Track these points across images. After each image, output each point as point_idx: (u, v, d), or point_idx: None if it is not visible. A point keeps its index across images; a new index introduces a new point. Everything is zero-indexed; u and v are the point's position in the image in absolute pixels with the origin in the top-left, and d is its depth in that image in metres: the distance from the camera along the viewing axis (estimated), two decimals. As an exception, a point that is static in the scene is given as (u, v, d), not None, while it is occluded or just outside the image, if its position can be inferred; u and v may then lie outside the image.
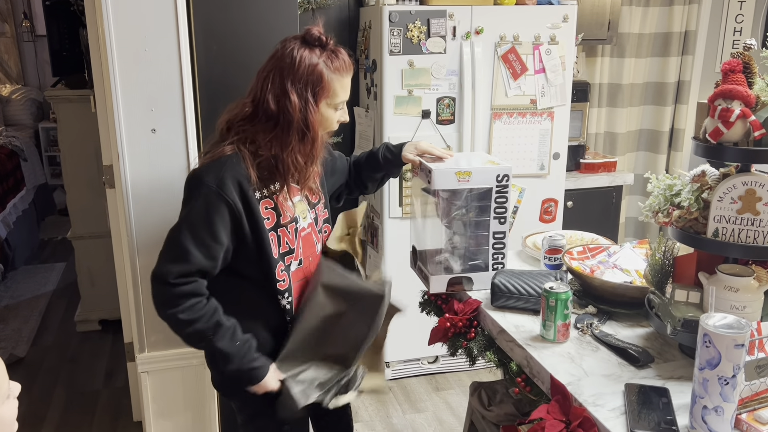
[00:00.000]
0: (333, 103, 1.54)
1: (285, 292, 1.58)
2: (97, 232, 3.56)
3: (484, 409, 1.74)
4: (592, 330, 1.52)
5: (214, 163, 1.49)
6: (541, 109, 2.97)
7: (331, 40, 1.53)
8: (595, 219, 3.35)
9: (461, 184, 1.65)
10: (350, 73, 1.55)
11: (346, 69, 1.53)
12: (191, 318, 1.47)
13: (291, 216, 1.58)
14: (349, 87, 1.56)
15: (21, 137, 5.63)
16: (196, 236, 1.47)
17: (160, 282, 1.48)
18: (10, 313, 4.07)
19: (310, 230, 1.64)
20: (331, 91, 1.51)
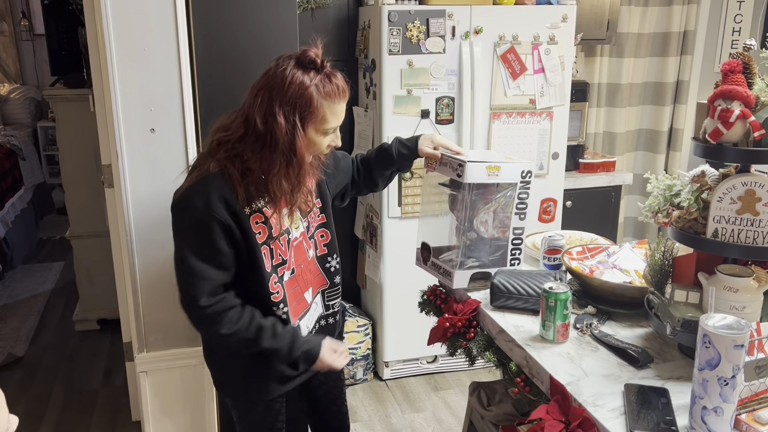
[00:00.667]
0: (322, 129, 1.48)
1: (280, 303, 1.58)
2: (96, 231, 3.56)
3: (483, 409, 1.74)
4: (591, 330, 1.52)
5: (198, 184, 1.47)
6: (540, 109, 2.97)
7: (328, 63, 1.47)
8: (594, 219, 3.35)
9: (491, 178, 1.66)
10: (344, 100, 1.49)
11: (339, 95, 1.47)
12: (232, 330, 1.51)
13: (281, 228, 1.56)
14: (342, 113, 1.51)
15: (19, 136, 5.63)
16: (202, 256, 1.48)
17: (193, 308, 1.50)
18: (8, 313, 4.07)
19: (301, 239, 1.63)
20: (320, 117, 1.46)
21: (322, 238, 1.70)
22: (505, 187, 1.69)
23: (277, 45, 1.97)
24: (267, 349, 1.54)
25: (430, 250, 1.75)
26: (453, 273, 1.68)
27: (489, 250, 1.73)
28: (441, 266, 1.72)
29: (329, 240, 1.71)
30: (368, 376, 3.21)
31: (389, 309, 3.09)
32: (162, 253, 2.00)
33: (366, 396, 3.09)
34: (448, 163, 1.68)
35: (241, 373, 1.66)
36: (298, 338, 1.59)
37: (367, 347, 3.17)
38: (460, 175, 1.62)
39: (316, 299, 1.71)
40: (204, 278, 1.48)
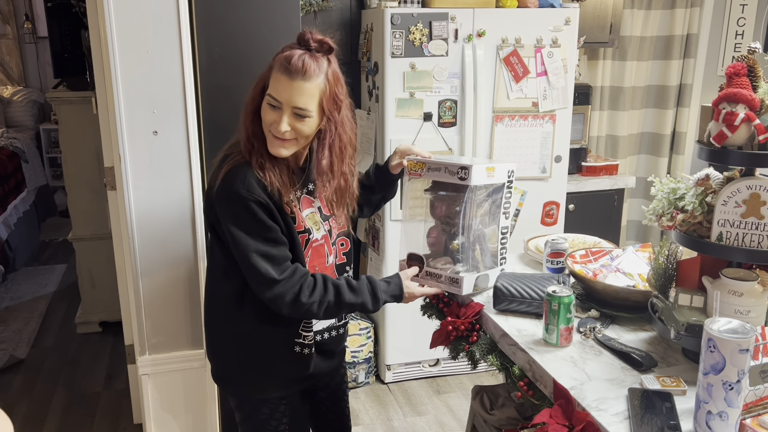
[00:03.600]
0: (266, 96, 1.48)
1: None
2: (98, 233, 3.56)
3: (486, 412, 1.73)
4: (595, 334, 1.52)
5: (234, 171, 1.50)
6: (542, 112, 2.97)
7: (314, 45, 1.46)
8: (597, 222, 3.34)
9: (489, 179, 1.65)
10: (289, 77, 1.43)
11: (287, 69, 1.43)
12: (314, 297, 1.53)
13: (304, 227, 1.58)
14: (283, 90, 1.44)
15: (22, 139, 5.63)
16: (258, 237, 1.50)
17: (269, 286, 1.51)
18: (10, 315, 4.07)
19: (323, 242, 1.64)
20: (267, 81, 1.48)
21: (342, 246, 1.70)
22: (492, 189, 1.68)
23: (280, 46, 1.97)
24: (352, 304, 1.56)
25: (422, 260, 1.72)
26: (462, 279, 1.66)
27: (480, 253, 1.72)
28: (442, 274, 1.69)
29: (348, 249, 1.72)
30: (370, 379, 3.21)
31: (391, 312, 3.09)
32: (164, 256, 2.00)
33: (368, 399, 3.09)
34: (443, 168, 1.65)
35: (244, 370, 1.66)
36: (377, 286, 1.61)
37: (369, 350, 3.16)
38: (464, 178, 1.60)
39: None
40: (268, 255, 1.50)
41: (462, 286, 1.66)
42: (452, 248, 1.69)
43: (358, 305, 1.57)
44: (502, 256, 1.74)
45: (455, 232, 1.68)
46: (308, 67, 1.43)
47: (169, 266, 2.02)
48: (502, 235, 1.72)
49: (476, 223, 1.67)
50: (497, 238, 1.72)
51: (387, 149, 2.87)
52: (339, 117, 1.52)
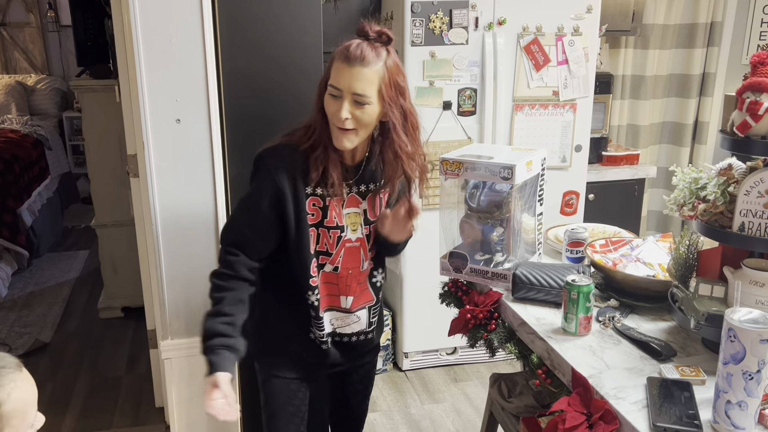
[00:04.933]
0: (328, 86, 1.49)
1: (315, 288, 1.61)
2: (120, 220, 3.61)
3: (503, 400, 1.74)
4: (614, 323, 1.52)
5: (280, 147, 1.55)
6: (563, 101, 2.95)
7: (373, 35, 1.47)
8: (617, 212, 3.32)
9: (529, 173, 1.66)
10: (348, 64, 1.45)
11: (347, 57, 1.45)
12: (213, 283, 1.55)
13: (337, 223, 1.58)
14: (344, 78, 1.45)
15: (45, 126, 5.71)
16: (245, 207, 1.56)
17: (221, 244, 1.59)
18: (35, 300, 4.15)
19: (358, 244, 1.62)
20: (328, 71, 1.50)
21: (370, 252, 1.67)
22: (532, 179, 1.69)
23: (301, 36, 1.98)
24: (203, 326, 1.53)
25: (465, 257, 1.71)
26: (509, 275, 1.65)
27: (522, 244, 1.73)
28: (488, 270, 1.68)
29: (377, 253, 1.70)
30: (388, 366, 3.23)
31: (409, 300, 3.10)
32: (186, 242, 2.03)
33: (385, 386, 3.11)
34: (483, 167, 1.63)
35: (263, 348, 1.70)
36: (213, 343, 1.48)
37: (387, 338, 3.18)
38: (508, 177, 1.59)
39: (360, 313, 1.69)
40: (235, 225, 1.56)
41: (511, 281, 1.66)
42: (491, 240, 1.70)
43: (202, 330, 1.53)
44: (539, 242, 1.74)
45: (493, 225, 1.68)
46: (366, 54, 1.45)
47: (191, 252, 2.04)
48: (538, 222, 1.73)
49: (517, 214, 1.68)
50: (533, 227, 1.72)
51: (406, 138, 2.88)
52: (406, 103, 1.52)
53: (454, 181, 1.72)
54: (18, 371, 1.09)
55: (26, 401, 1.08)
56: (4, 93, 5.80)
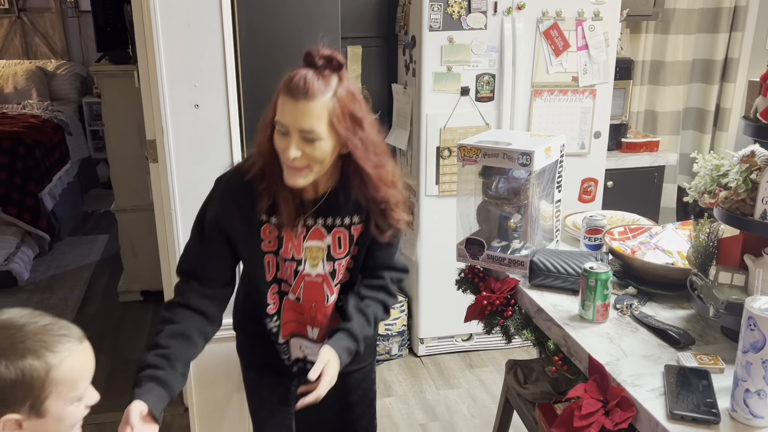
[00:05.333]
0: (275, 121, 1.36)
1: (274, 316, 1.55)
2: (140, 205, 3.64)
3: (519, 386, 1.75)
4: (631, 311, 1.51)
5: (233, 174, 1.48)
6: (582, 87, 2.92)
7: (320, 62, 1.33)
8: (636, 200, 3.29)
9: (548, 160, 1.65)
10: (293, 98, 1.31)
11: (290, 90, 1.31)
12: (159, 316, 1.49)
13: (294, 256, 1.49)
14: (290, 114, 1.32)
15: (66, 111, 5.76)
16: (195, 233, 1.51)
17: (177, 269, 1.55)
18: (56, 283, 4.21)
19: (320, 280, 1.52)
20: (274, 105, 1.37)
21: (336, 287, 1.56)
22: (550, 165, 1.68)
23: (319, 20, 1.98)
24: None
25: (483, 244, 1.70)
26: (526, 262, 1.64)
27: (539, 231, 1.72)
28: (505, 257, 1.67)
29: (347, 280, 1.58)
30: (403, 351, 3.25)
31: (425, 286, 3.11)
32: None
33: (401, 371, 3.13)
34: (501, 154, 1.61)
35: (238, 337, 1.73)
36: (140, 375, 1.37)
37: (402, 323, 3.19)
38: (526, 164, 1.57)
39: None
40: (186, 253, 1.51)
41: (527, 268, 1.65)
42: (508, 227, 1.69)
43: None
44: (557, 229, 1.74)
45: (511, 211, 1.68)
46: (311, 86, 1.30)
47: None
48: (556, 208, 1.72)
49: (535, 201, 1.67)
50: (551, 214, 1.71)
51: (423, 124, 2.87)
52: (365, 134, 1.37)
53: (471, 167, 1.71)
54: (78, 342, 1.08)
55: (77, 372, 1.08)
56: (25, 78, 5.86)
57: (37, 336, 1.03)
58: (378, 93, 3.27)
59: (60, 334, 1.06)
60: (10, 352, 1.01)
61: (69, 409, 1.08)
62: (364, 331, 1.51)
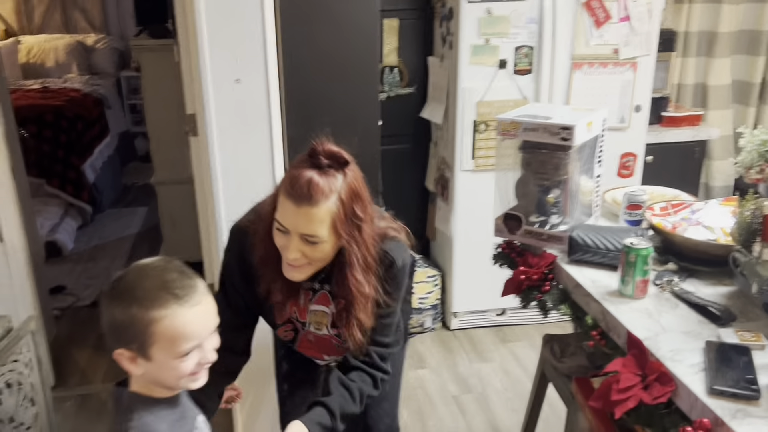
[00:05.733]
0: (275, 219, 1.33)
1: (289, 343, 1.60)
2: (178, 178, 3.71)
3: (556, 360, 1.76)
4: (671, 287, 1.50)
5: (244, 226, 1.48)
6: (623, 59, 2.86)
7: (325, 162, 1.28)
8: (676, 175, 3.23)
9: (589, 134, 1.63)
10: (300, 204, 1.27)
11: (295, 195, 1.27)
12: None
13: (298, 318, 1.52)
14: (290, 217, 1.29)
15: (105, 85, 5.86)
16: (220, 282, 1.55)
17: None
18: (98, 253, 4.34)
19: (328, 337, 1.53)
20: (276, 203, 1.33)
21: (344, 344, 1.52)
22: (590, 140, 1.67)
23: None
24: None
25: (520, 219, 1.70)
26: (565, 237, 1.64)
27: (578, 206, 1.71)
28: (544, 232, 1.67)
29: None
30: (436, 325, 3.27)
31: (459, 261, 3.12)
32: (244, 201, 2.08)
33: (434, 344, 3.16)
34: (541, 128, 1.60)
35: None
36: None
37: (436, 297, 3.22)
38: (567, 138, 1.56)
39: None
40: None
41: (566, 244, 1.64)
42: (546, 202, 1.69)
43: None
44: (596, 204, 1.73)
45: (550, 186, 1.67)
46: (314, 191, 1.25)
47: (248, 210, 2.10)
48: (596, 185, 1.71)
49: (575, 176, 1.66)
50: (590, 189, 1.70)
51: (459, 98, 2.85)
52: (361, 236, 1.33)
53: (510, 141, 1.71)
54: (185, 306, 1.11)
55: (177, 332, 1.13)
56: (66, 52, 5.97)
57: (152, 291, 1.11)
58: (414, 66, 3.26)
59: (173, 293, 1.11)
60: (128, 297, 1.11)
61: (174, 362, 1.14)
62: (346, 407, 1.43)
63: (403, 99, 3.29)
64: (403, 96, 3.29)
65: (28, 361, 2.15)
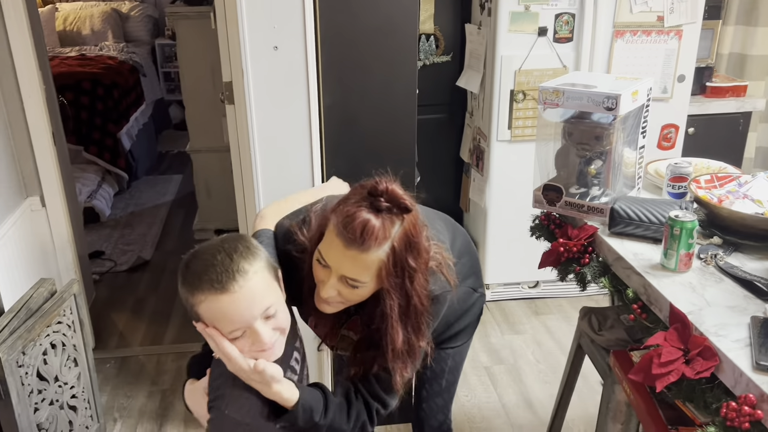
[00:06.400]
0: (318, 252, 1.22)
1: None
2: (214, 146, 3.74)
3: (594, 333, 1.74)
4: (716, 261, 1.47)
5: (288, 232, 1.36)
6: (668, 27, 2.77)
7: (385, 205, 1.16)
8: (719, 147, 3.15)
9: (634, 104, 1.60)
10: (350, 247, 1.16)
11: (346, 236, 1.15)
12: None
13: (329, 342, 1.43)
14: (337, 257, 1.18)
15: (140, 53, 5.89)
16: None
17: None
18: (135, 219, 4.42)
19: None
20: (324, 239, 1.21)
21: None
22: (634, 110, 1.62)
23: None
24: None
25: (561, 190, 1.67)
26: (606, 209, 1.61)
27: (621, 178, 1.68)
28: (584, 204, 1.63)
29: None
30: (469, 296, 3.27)
31: (492, 233, 3.10)
32: (281, 169, 2.09)
33: (467, 315, 3.16)
34: (585, 97, 1.56)
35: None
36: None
37: (469, 268, 3.21)
38: (612, 108, 1.51)
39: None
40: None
41: (608, 216, 1.61)
42: (588, 173, 1.66)
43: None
44: (639, 176, 1.69)
45: (592, 157, 1.64)
46: (368, 238, 1.14)
47: (286, 178, 2.11)
48: (640, 156, 1.67)
49: (619, 147, 1.63)
50: (633, 161, 1.66)
51: (497, 66, 2.80)
52: (411, 287, 1.21)
53: (551, 111, 1.67)
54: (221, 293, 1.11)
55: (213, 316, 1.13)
56: (101, 20, 6.01)
57: (195, 274, 1.13)
58: (450, 33, 3.21)
59: (208, 278, 1.10)
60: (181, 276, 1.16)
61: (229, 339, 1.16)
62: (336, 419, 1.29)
63: (439, 67, 3.25)
64: (439, 64, 3.25)
65: (71, 323, 2.22)
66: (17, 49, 2.45)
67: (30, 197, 2.61)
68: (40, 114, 2.56)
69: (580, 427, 2.44)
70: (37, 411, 2.02)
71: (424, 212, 1.49)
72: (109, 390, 2.70)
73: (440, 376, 1.72)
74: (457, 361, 1.73)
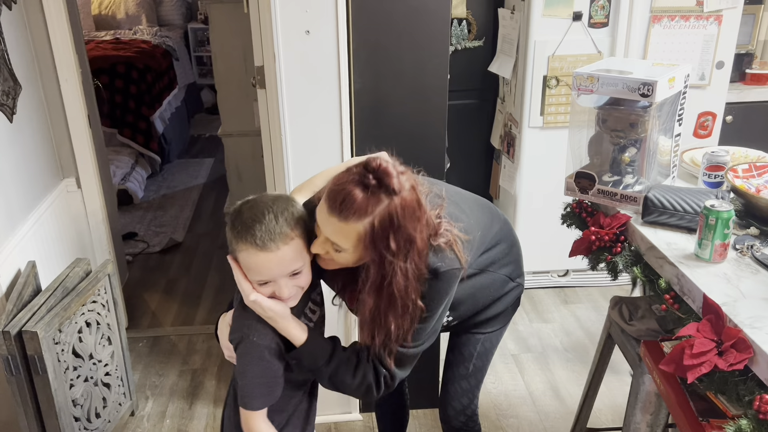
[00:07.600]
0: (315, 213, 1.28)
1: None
2: (245, 130, 3.77)
3: (624, 322, 1.72)
4: (752, 252, 1.44)
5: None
6: (707, 12, 2.70)
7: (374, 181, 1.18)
8: (758, 136, 3.07)
9: (671, 91, 1.57)
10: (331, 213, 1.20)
11: (329, 203, 1.20)
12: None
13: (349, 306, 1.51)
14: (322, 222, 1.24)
15: (173, 37, 5.95)
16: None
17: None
18: (167, 202, 4.49)
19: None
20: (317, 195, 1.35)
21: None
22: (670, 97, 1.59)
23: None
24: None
25: (594, 178, 1.65)
26: (640, 198, 1.58)
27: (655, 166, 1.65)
28: (617, 192, 1.61)
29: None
30: (498, 283, 3.26)
31: (522, 220, 3.08)
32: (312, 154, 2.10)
33: (495, 302, 3.15)
34: (620, 83, 1.53)
35: None
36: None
37: (498, 255, 3.19)
38: (648, 95, 1.49)
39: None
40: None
41: (641, 204, 1.59)
42: (621, 160, 1.63)
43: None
44: (674, 165, 1.66)
45: (626, 145, 1.61)
46: (345, 208, 1.18)
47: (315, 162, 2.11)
48: (675, 143, 1.63)
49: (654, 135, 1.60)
50: (668, 149, 1.63)
51: (530, 51, 2.76)
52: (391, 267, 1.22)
53: (586, 97, 1.65)
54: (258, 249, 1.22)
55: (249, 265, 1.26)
56: (135, 4, 6.08)
57: (244, 224, 1.22)
58: (483, 18, 3.17)
59: (252, 234, 1.21)
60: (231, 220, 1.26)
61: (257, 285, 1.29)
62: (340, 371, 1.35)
63: (471, 52, 3.22)
64: (471, 49, 3.22)
65: (105, 302, 2.27)
66: (55, 33, 2.49)
67: (66, 179, 2.67)
68: (77, 97, 2.60)
69: (607, 417, 2.43)
70: (73, 387, 2.08)
71: (456, 193, 1.51)
72: (141, 368, 2.77)
73: (468, 359, 1.72)
74: (487, 347, 1.73)
